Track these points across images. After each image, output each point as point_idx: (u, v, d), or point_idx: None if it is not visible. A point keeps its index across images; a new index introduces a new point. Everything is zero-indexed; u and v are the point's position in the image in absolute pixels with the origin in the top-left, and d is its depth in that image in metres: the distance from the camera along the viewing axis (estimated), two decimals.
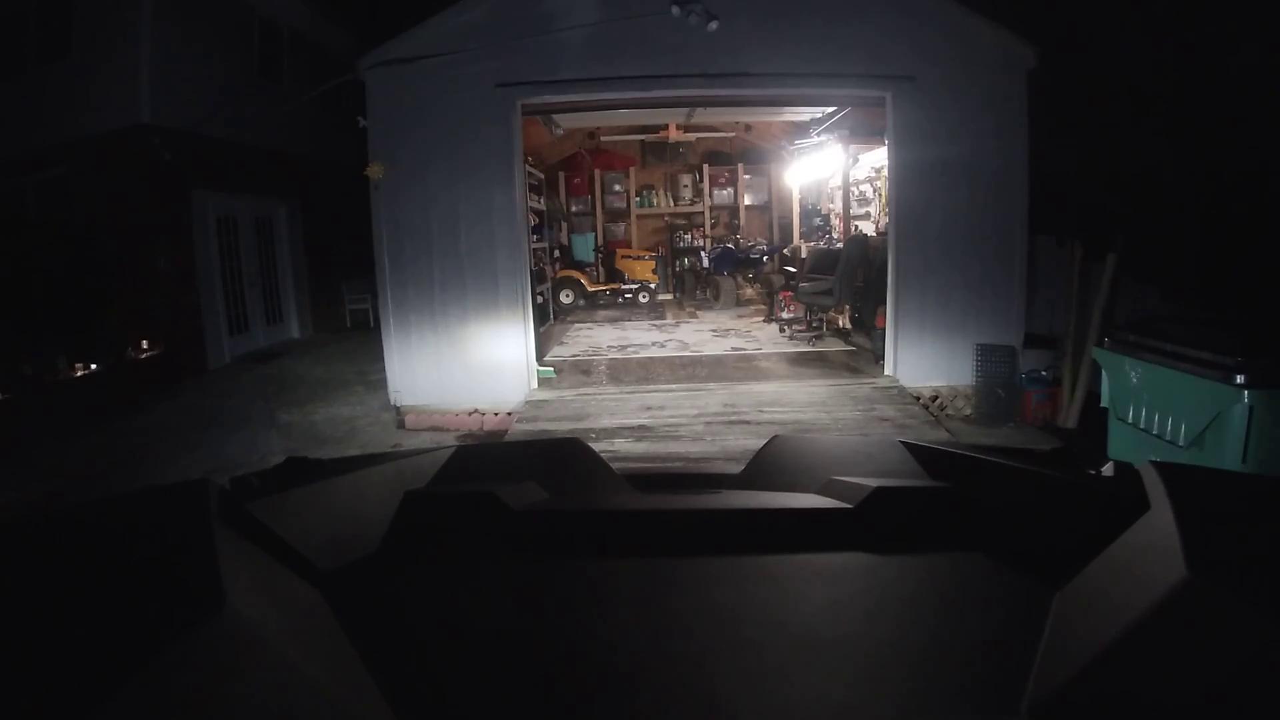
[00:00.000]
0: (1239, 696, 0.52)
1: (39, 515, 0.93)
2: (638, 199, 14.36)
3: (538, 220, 10.68)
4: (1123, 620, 0.60)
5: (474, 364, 6.75)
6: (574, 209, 14.30)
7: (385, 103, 6.54)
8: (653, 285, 13.24)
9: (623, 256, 13.30)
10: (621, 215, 14.58)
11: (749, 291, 12.90)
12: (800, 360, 7.79)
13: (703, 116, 10.06)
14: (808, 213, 13.03)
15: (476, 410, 6.83)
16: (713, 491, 1.20)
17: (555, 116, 8.89)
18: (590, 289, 12.98)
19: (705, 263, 13.34)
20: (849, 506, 0.96)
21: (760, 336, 9.32)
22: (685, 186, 14.43)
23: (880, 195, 9.92)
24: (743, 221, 14.36)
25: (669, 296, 14.20)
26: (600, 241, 14.22)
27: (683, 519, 1.00)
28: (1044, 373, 6.89)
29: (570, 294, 12.74)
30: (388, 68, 6.42)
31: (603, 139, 13.65)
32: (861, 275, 8.35)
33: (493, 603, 0.85)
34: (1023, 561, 0.84)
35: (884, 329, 7.07)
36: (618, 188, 14.34)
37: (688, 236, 14.50)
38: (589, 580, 0.89)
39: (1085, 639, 0.62)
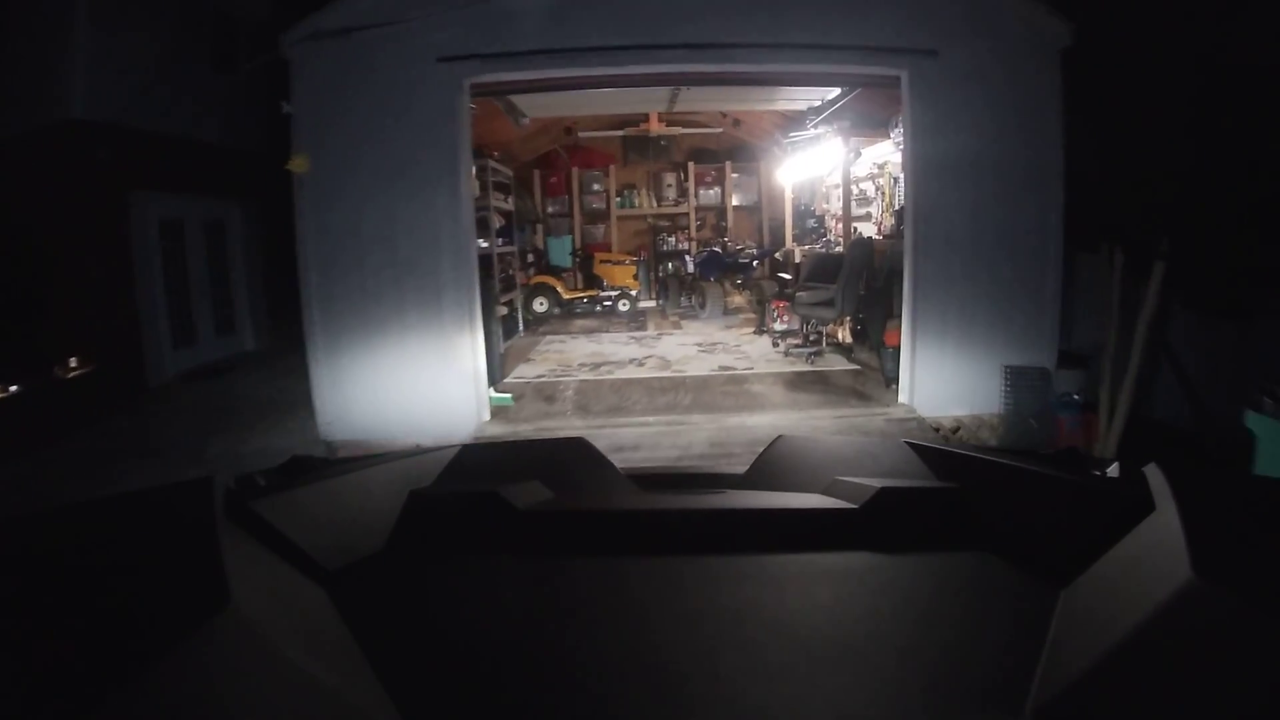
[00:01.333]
0: (1244, 697, 0.51)
1: (44, 513, 0.95)
2: (618, 199, 13.37)
3: (505, 222, 9.71)
4: (1128, 621, 0.60)
5: (416, 391, 5.72)
6: (550, 210, 13.31)
7: (312, 85, 5.50)
8: (634, 292, 12.27)
9: (601, 261, 12.29)
10: (601, 216, 13.57)
11: (738, 299, 11.93)
12: (799, 383, 6.81)
13: (688, 102, 8.89)
14: (800, 214, 12.11)
15: (418, 446, 5.83)
16: (717, 491, 1.19)
17: (517, 102, 7.82)
18: (566, 296, 11.96)
19: (690, 268, 12.40)
20: (854, 507, 0.96)
21: (751, 352, 8.35)
22: (669, 186, 13.46)
23: (884, 194, 9.01)
24: (730, 223, 13.42)
25: (651, 303, 13.23)
26: (578, 245, 13.24)
27: (688, 519, 1.00)
28: (1075, 396, 5.98)
29: (544, 302, 11.75)
30: (315, 43, 5.43)
31: (580, 135, 12.64)
32: (865, 283, 7.42)
33: (497, 602, 0.84)
34: (1028, 562, 0.85)
35: (896, 348, 6.13)
36: (596, 187, 13.35)
37: (671, 239, 13.52)
38: (594, 580, 0.88)
39: (1090, 640, 0.62)
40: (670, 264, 13.50)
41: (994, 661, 0.68)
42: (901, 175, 8.56)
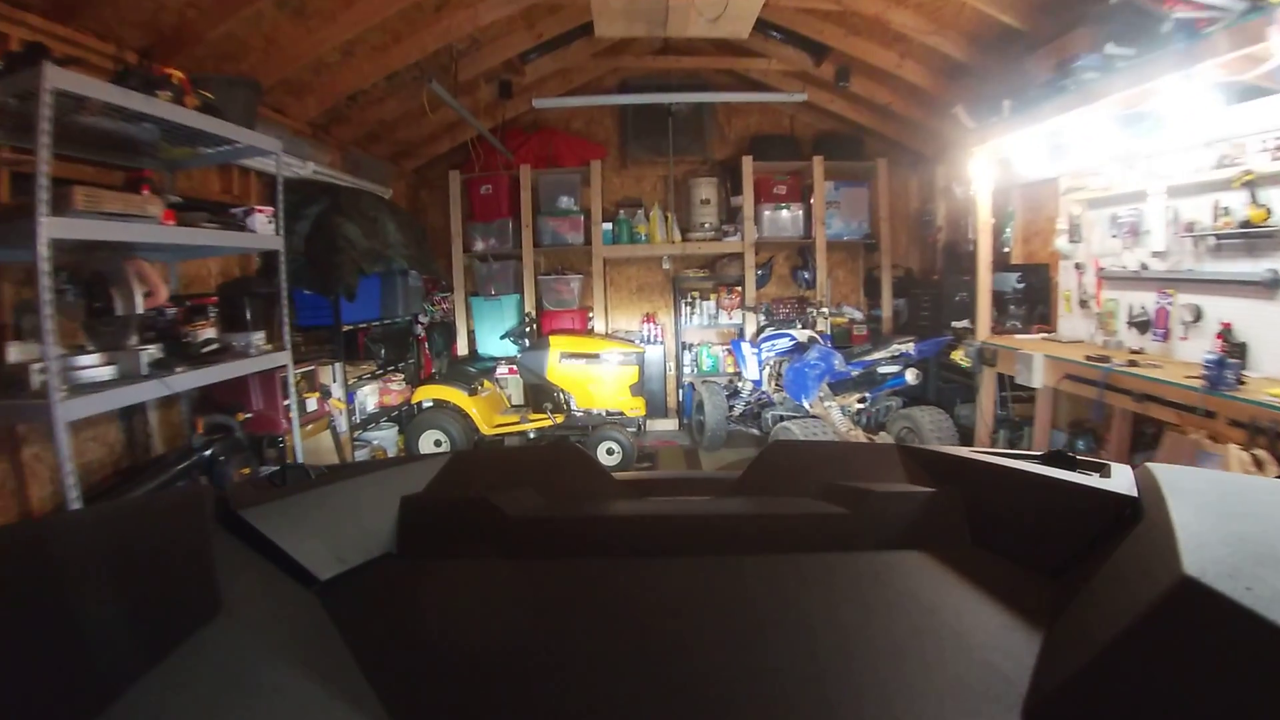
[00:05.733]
0: (1236, 698, 0.51)
1: (34, 523, 0.96)
2: (608, 227, 6.99)
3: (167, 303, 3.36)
4: (1120, 621, 0.60)
5: None
6: (479, 245, 6.99)
7: None
8: (633, 422, 5.90)
9: (565, 356, 5.83)
10: (575, 260, 7.28)
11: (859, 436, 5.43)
12: None
13: None
14: (952, 258, 5.74)
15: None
16: (710, 496, 1.20)
17: None
18: (490, 430, 5.64)
19: (751, 370, 6.05)
20: (846, 511, 0.97)
21: None
22: (705, 202, 7.07)
23: None
24: (820, 274, 7.03)
25: (671, 426, 6.91)
26: (532, 313, 6.89)
27: (680, 523, 1.01)
28: None
29: (444, 442, 5.46)
30: None
31: (536, 102, 6.37)
32: None
33: (489, 607, 0.84)
34: (1020, 563, 0.86)
35: None
36: (566, 202, 6.99)
37: (709, 303, 7.17)
38: (586, 585, 0.88)
39: (1082, 640, 0.63)
40: (708, 353, 7.18)
41: (987, 662, 0.68)
42: None
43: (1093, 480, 0.92)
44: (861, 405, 5.41)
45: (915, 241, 7.53)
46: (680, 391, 7.09)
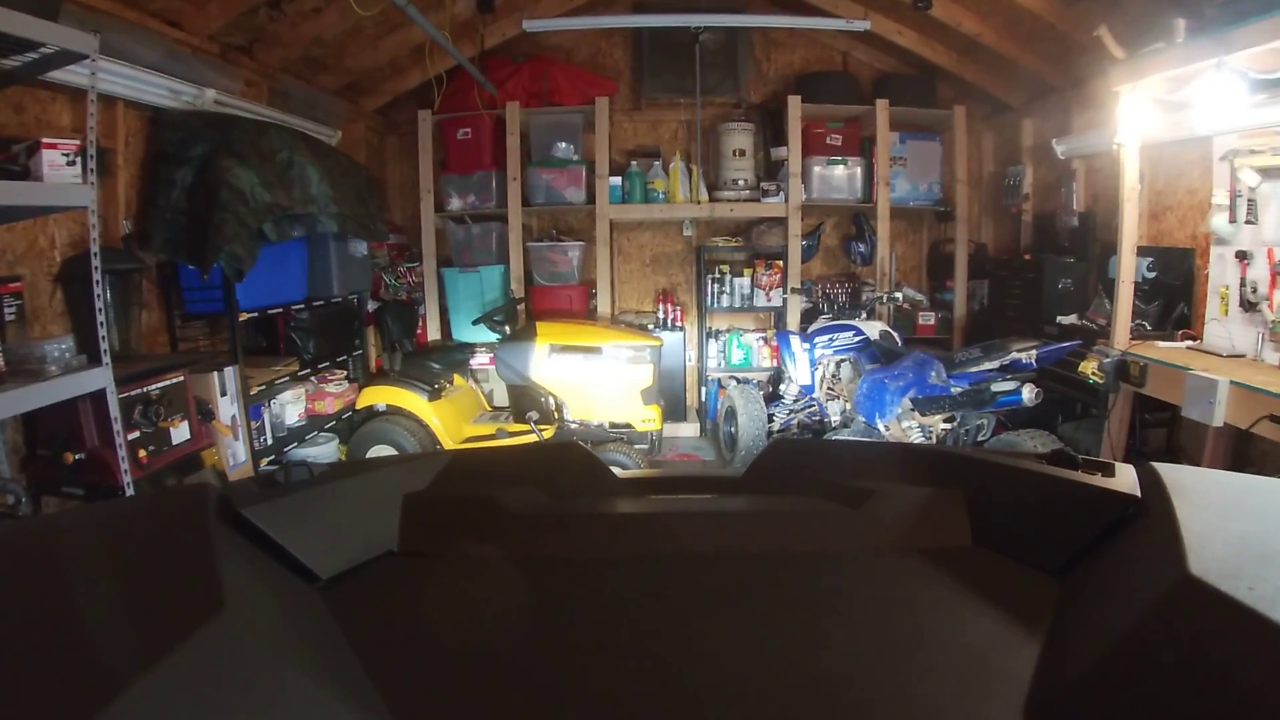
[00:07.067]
0: (1239, 696, 0.50)
1: (38, 520, 0.86)
2: (617, 182, 5.56)
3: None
4: (1123, 619, 0.60)
5: None
6: (455, 203, 5.59)
7: None
8: (645, 438, 4.55)
9: (557, 349, 4.43)
10: (574, 223, 5.88)
11: None
12: None
13: None
14: (1045, 231, 4.37)
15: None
16: (714, 495, 1.18)
17: None
18: (458, 443, 4.31)
19: (801, 376, 4.69)
20: (851, 509, 0.96)
21: None
22: (739, 153, 5.64)
23: None
24: (882, 247, 5.61)
25: (691, 434, 5.59)
26: (515, 293, 5.47)
27: (683, 522, 1.00)
28: None
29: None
30: None
31: (526, 23, 4.92)
32: None
33: (492, 605, 0.83)
34: (1023, 561, 0.84)
35: None
36: (564, 149, 5.58)
37: (742, 280, 5.76)
38: (588, 583, 0.87)
39: (1086, 638, 0.62)
40: (739, 341, 5.82)
41: (989, 660, 0.67)
42: None
43: (1096, 479, 0.90)
44: (948, 426, 4.05)
45: (990, 211, 6.11)
46: (703, 389, 5.74)
